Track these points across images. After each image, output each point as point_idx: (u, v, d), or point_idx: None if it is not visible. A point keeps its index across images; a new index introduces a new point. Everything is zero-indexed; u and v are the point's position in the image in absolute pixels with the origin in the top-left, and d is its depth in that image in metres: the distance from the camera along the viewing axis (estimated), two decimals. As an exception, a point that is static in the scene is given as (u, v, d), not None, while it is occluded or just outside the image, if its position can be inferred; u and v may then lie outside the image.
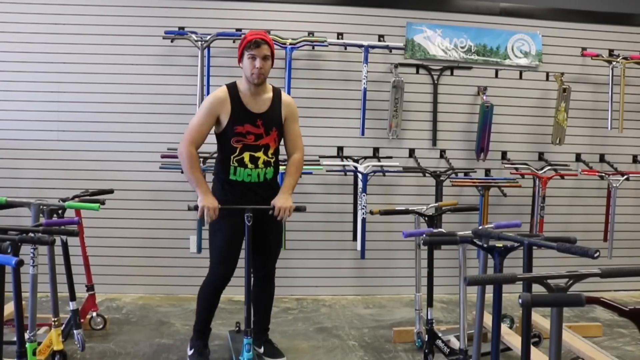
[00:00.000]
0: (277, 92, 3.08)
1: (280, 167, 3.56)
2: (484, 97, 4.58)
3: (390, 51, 4.59)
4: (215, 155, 3.76)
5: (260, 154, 2.98)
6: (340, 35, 4.54)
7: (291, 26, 4.46)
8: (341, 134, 4.60)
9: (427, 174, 4.39)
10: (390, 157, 4.60)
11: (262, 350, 3.23)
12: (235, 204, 2.92)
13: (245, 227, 2.84)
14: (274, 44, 2.99)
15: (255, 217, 2.89)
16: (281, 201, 2.92)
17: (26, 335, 2.47)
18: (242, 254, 2.93)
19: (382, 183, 4.57)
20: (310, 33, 4.47)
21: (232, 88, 2.99)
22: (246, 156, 2.96)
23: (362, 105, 4.41)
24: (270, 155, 3.01)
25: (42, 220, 2.82)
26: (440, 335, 3.13)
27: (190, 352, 3.12)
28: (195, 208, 2.85)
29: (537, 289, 1.65)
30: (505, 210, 4.65)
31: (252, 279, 3.20)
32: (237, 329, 3.52)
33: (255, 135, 2.96)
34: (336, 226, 4.60)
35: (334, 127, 4.59)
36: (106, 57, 4.39)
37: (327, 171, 4.45)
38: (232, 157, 2.96)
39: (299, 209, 2.96)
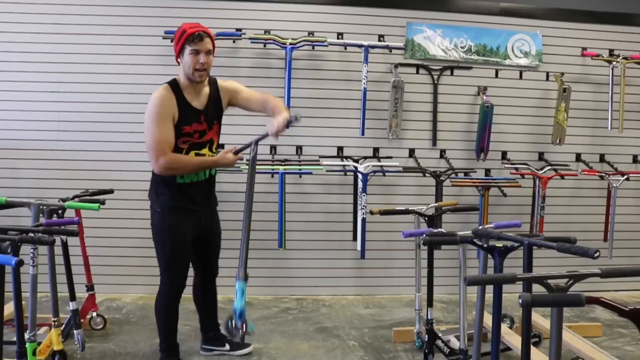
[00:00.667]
0: (212, 82, 2.95)
1: (283, 167, 3.54)
2: (484, 97, 4.58)
3: (390, 51, 4.59)
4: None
5: (205, 151, 2.89)
6: (340, 35, 4.54)
7: (291, 26, 4.46)
8: (341, 134, 4.60)
9: (427, 174, 4.39)
10: (390, 157, 4.59)
11: (227, 347, 3.23)
12: (186, 207, 2.86)
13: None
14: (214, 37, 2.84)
15: (205, 216, 2.90)
16: (272, 123, 2.73)
17: (26, 335, 2.48)
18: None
19: (382, 183, 4.57)
20: (310, 33, 4.47)
21: (174, 86, 2.81)
22: (192, 155, 2.85)
23: (362, 105, 4.41)
24: (214, 151, 2.94)
25: (42, 220, 2.82)
26: (440, 335, 3.13)
27: None
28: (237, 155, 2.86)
29: (537, 289, 1.65)
30: (505, 210, 4.65)
31: (199, 281, 3.18)
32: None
33: (200, 132, 2.85)
34: (336, 226, 4.59)
35: (334, 127, 4.59)
36: (106, 57, 4.39)
37: (327, 171, 4.45)
38: None
39: (289, 122, 2.73)
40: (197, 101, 2.86)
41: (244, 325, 2.73)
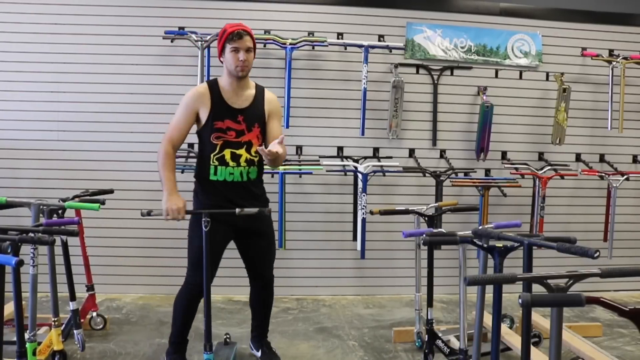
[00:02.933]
0: (259, 89, 2.97)
1: (283, 167, 3.52)
2: (484, 97, 4.58)
3: (390, 51, 4.59)
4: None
5: (242, 152, 2.85)
6: (340, 35, 4.54)
7: (291, 26, 4.46)
8: (341, 134, 4.60)
9: (427, 174, 4.39)
10: (390, 157, 4.60)
11: (259, 354, 3.20)
12: (217, 204, 2.80)
13: (203, 233, 2.70)
14: (254, 35, 2.87)
15: (240, 222, 2.81)
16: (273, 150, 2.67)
17: (26, 335, 2.48)
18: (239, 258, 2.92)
19: (382, 183, 4.57)
20: (310, 33, 4.47)
21: (213, 84, 2.89)
22: (227, 153, 2.83)
23: (362, 105, 4.41)
24: (253, 154, 2.87)
25: (42, 220, 2.82)
26: (440, 335, 3.13)
27: None
28: (149, 214, 2.68)
29: (537, 289, 1.65)
30: (505, 210, 4.65)
31: (250, 285, 3.16)
32: (225, 340, 3.36)
33: (237, 131, 2.84)
34: (336, 226, 4.59)
35: (334, 127, 4.59)
36: (106, 57, 4.39)
37: (327, 171, 4.45)
38: (212, 155, 2.83)
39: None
40: (236, 100, 2.87)
41: None
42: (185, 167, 4.24)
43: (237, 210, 2.73)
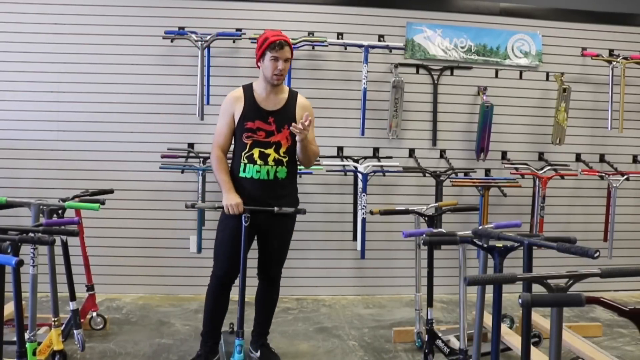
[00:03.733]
0: (293, 93, 3.09)
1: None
2: (484, 97, 4.58)
3: (390, 51, 4.59)
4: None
5: (270, 151, 2.94)
6: (340, 35, 4.54)
7: (291, 26, 4.45)
8: (341, 134, 4.60)
9: (427, 174, 4.39)
10: (390, 157, 4.60)
11: (258, 354, 3.21)
12: (245, 203, 2.90)
13: (242, 228, 2.85)
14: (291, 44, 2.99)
15: (260, 219, 2.90)
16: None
17: (26, 335, 2.47)
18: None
19: (382, 183, 4.57)
20: (310, 33, 4.47)
21: (248, 88, 3.02)
22: (255, 152, 2.93)
23: (362, 105, 4.41)
24: (282, 154, 2.96)
25: (42, 220, 2.82)
26: (440, 335, 3.13)
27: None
28: (192, 206, 2.93)
29: (537, 289, 1.65)
30: (505, 210, 4.65)
31: (258, 281, 3.23)
32: (230, 329, 3.49)
33: (267, 132, 2.94)
34: (336, 226, 4.59)
35: (334, 127, 4.59)
36: (106, 57, 4.39)
37: (327, 171, 4.45)
38: (242, 153, 2.95)
39: (298, 212, 2.98)
40: (268, 103, 2.98)
41: None
42: (185, 167, 4.25)
43: (276, 208, 2.89)
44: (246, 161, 2.94)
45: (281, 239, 3.12)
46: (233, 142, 3.04)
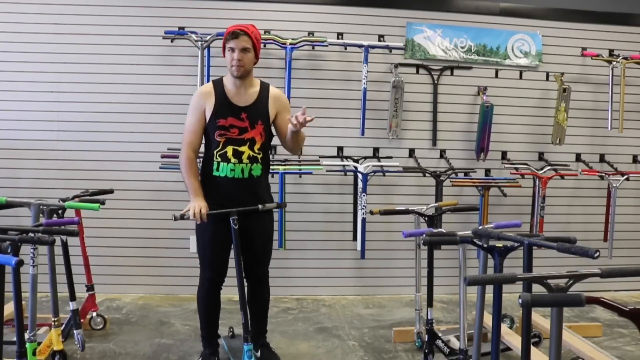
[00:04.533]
0: (264, 86, 3.00)
1: (283, 167, 3.53)
2: (484, 97, 4.59)
3: (390, 51, 4.59)
4: None
5: (244, 149, 2.88)
6: (340, 35, 4.54)
7: (291, 26, 4.46)
8: (341, 134, 4.60)
9: (427, 174, 4.39)
10: (390, 157, 4.60)
11: (258, 354, 3.18)
12: (218, 202, 2.84)
13: (232, 231, 2.80)
14: (258, 37, 2.88)
15: (239, 220, 2.83)
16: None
17: (26, 335, 2.48)
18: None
19: (382, 183, 4.57)
20: (310, 33, 4.47)
21: (218, 82, 2.95)
22: (229, 150, 2.87)
23: (362, 105, 4.41)
24: (256, 151, 2.90)
25: (42, 220, 2.82)
26: (440, 335, 3.13)
27: None
28: (182, 217, 2.77)
29: (537, 289, 1.65)
30: (505, 210, 4.65)
31: (246, 283, 3.14)
32: (230, 334, 3.47)
33: (240, 128, 2.87)
34: (336, 226, 4.59)
35: (334, 127, 4.58)
36: (106, 57, 4.39)
37: (327, 171, 4.45)
38: (215, 152, 2.88)
39: (279, 206, 3.00)
40: (239, 98, 2.92)
41: None
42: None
43: (260, 206, 2.87)
44: (219, 159, 2.88)
45: (263, 237, 3.06)
46: (204, 140, 2.97)
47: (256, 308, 3.18)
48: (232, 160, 2.87)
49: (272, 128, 3.03)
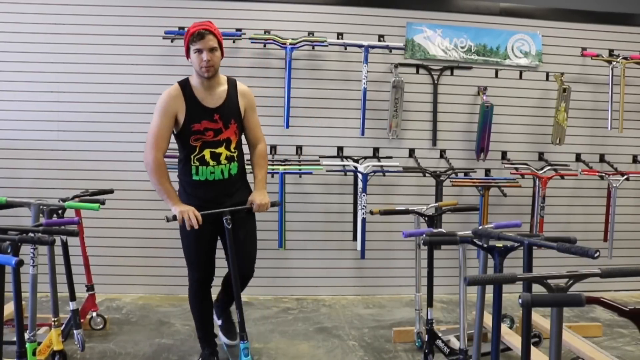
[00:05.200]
0: (232, 83, 2.96)
1: (283, 167, 3.54)
2: (484, 97, 4.58)
3: (390, 51, 4.59)
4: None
5: (221, 150, 2.87)
6: (340, 35, 4.54)
7: (291, 26, 4.46)
8: (341, 134, 4.60)
9: (427, 174, 4.39)
10: (390, 157, 4.60)
11: (220, 322, 3.22)
12: (200, 206, 2.79)
13: (226, 231, 2.78)
14: (220, 33, 2.83)
15: (221, 219, 2.81)
16: (259, 198, 2.88)
17: (26, 335, 2.48)
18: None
19: (382, 183, 4.57)
20: (310, 33, 4.46)
21: (185, 84, 2.87)
22: (207, 153, 2.85)
23: (362, 105, 4.41)
24: (232, 150, 2.89)
25: (42, 220, 2.82)
26: (440, 335, 3.13)
27: None
28: (174, 218, 2.72)
29: (537, 289, 1.65)
30: (505, 210, 4.65)
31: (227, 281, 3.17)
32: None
33: (214, 130, 2.84)
34: (336, 226, 4.59)
35: (334, 127, 4.58)
36: (106, 57, 4.39)
37: (327, 171, 4.45)
38: (192, 156, 2.85)
39: (274, 204, 2.93)
40: (210, 99, 2.86)
41: None
42: None
43: (254, 205, 2.87)
44: (198, 163, 2.86)
45: (251, 235, 3.06)
46: (178, 144, 2.94)
47: (231, 292, 3.03)
48: (211, 163, 2.85)
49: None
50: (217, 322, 3.28)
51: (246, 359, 2.79)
